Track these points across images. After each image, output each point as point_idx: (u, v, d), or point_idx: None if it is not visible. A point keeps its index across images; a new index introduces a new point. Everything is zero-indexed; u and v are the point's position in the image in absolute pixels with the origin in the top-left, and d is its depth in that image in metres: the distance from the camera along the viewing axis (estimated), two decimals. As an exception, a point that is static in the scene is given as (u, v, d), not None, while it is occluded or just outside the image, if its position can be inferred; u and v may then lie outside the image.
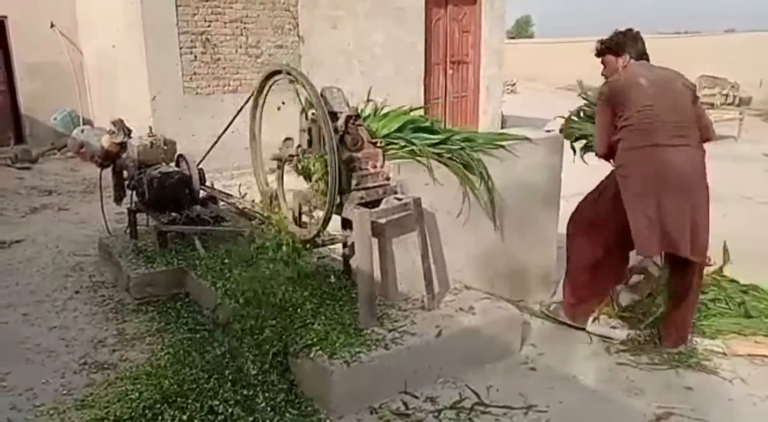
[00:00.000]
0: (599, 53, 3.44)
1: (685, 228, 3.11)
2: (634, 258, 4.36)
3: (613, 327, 3.53)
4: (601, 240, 3.43)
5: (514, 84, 20.70)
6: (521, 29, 47.17)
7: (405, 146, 3.38)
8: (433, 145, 3.44)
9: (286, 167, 3.40)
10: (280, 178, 3.48)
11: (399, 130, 3.51)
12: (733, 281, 3.92)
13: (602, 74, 3.48)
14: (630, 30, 3.40)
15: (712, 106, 15.94)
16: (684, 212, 3.12)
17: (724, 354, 3.29)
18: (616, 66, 3.37)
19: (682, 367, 3.19)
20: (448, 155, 3.42)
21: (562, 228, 4.50)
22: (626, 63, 3.34)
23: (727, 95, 17.05)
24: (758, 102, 16.90)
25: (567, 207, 4.74)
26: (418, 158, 3.34)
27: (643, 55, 3.36)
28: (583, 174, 3.81)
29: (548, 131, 4.33)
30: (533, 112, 13.52)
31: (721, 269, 4.10)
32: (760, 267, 4.20)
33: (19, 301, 4.19)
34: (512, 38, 33.78)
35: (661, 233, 3.10)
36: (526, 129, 4.20)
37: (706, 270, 4.12)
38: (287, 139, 3.34)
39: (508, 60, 11.89)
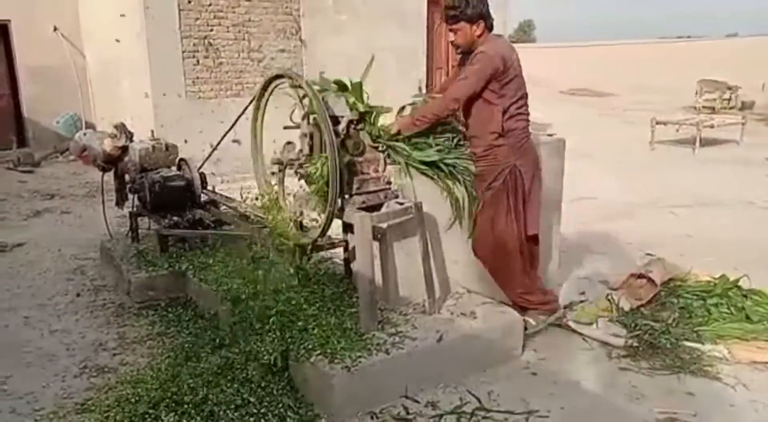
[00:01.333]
0: (455, 21, 3.22)
1: None
2: (635, 265, 4.36)
3: (614, 334, 3.51)
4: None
5: (516, 88, 20.70)
6: (523, 34, 47.24)
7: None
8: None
9: (288, 171, 3.40)
10: (281, 182, 3.48)
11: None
12: (735, 286, 3.90)
13: (453, 43, 3.32)
14: None
15: (713, 110, 15.99)
16: None
17: (726, 359, 3.28)
18: (471, 35, 3.22)
19: (684, 372, 3.17)
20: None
21: (564, 233, 4.51)
22: (482, 31, 3.21)
23: (729, 99, 17.08)
24: (761, 106, 16.90)
25: (569, 210, 4.75)
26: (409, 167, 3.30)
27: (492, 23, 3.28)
28: (586, 178, 3.80)
29: (549, 135, 4.32)
30: (535, 116, 13.52)
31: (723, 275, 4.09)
32: (763, 271, 4.18)
33: (20, 304, 4.19)
34: (514, 42, 33.88)
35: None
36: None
37: (711, 275, 4.13)
38: (288, 143, 3.34)
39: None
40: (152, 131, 4.90)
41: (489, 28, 3.25)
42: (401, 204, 3.17)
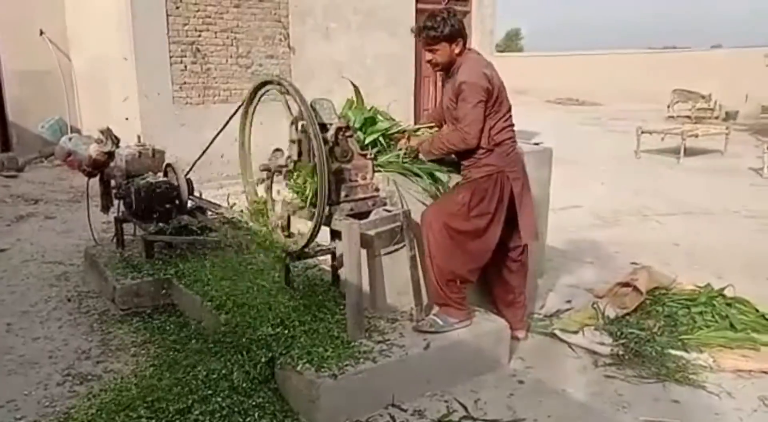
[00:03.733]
0: (435, 41, 3.22)
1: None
2: (621, 274, 4.38)
3: (600, 343, 3.52)
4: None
5: (503, 96, 20.84)
6: (511, 42, 47.53)
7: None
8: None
9: (276, 178, 3.39)
10: (269, 189, 3.47)
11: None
12: (719, 294, 3.93)
13: (431, 62, 3.33)
14: (450, 12, 3.23)
15: (698, 119, 16.17)
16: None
17: (711, 368, 3.30)
18: (451, 53, 3.24)
19: (669, 380, 3.19)
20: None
21: (550, 241, 4.53)
22: (461, 49, 3.24)
23: (713, 108, 17.29)
24: (744, 116, 17.13)
25: (555, 219, 4.78)
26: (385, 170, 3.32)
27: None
28: (572, 187, 3.82)
29: (536, 144, 4.35)
30: (522, 125, 13.61)
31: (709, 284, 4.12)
32: (747, 280, 4.23)
33: (2, 311, 4.13)
34: (501, 51, 34.09)
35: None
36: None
37: (696, 284, 4.17)
38: (276, 149, 3.33)
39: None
40: (139, 136, 4.86)
41: (466, 42, 3.29)
42: (389, 211, 3.17)
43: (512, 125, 3.32)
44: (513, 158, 3.30)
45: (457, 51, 3.25)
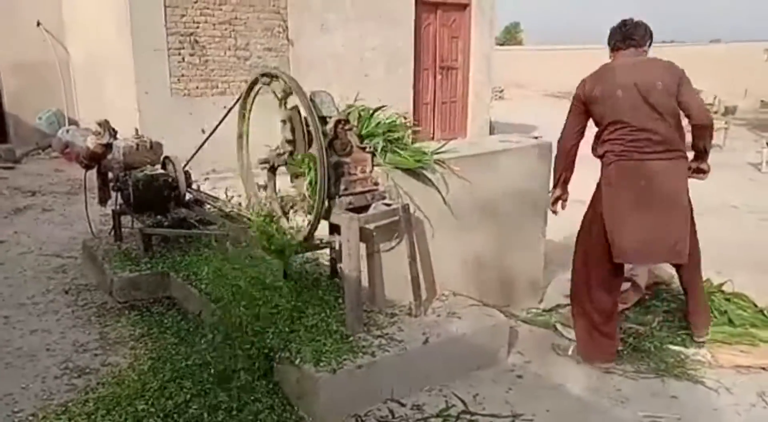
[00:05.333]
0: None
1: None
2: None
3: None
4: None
5: (502, 90, 20.81)
6: (510, 35, 47.35)
7: None
8: None
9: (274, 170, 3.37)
10: (268, 182, 3.45)
11: None
12: (718, 290, 3.93)
13: None
14: (618, 24, 3.33)
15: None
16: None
17: (710, 363, 3.30)
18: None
19: (668, 376, 3.19)
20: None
21: (550, 235, 4.52)
22: (610, 57, 3.36)
23: (712, 103, 17.23)
24: (743, 111, 17.10)
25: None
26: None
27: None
28: (572, 182, 3.81)
29: (536, 137, 4.33)
30: (521, 119, 13.59)
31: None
32: (746, 275, 4.22)
33: (-1, 304, 4.12)
34: (501, 44, 33.98)
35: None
36: (513, 135, 4.21)
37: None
38: (276, 148, 3.31)
39: (496, 66, 11.94)
40: (136, 128, 4.83)
41: (616, 49, 3.31)
42: (388, 205, 3.15)
43: (615, 141, 3.27)
44: (609, 172, 3.32)
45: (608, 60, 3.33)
